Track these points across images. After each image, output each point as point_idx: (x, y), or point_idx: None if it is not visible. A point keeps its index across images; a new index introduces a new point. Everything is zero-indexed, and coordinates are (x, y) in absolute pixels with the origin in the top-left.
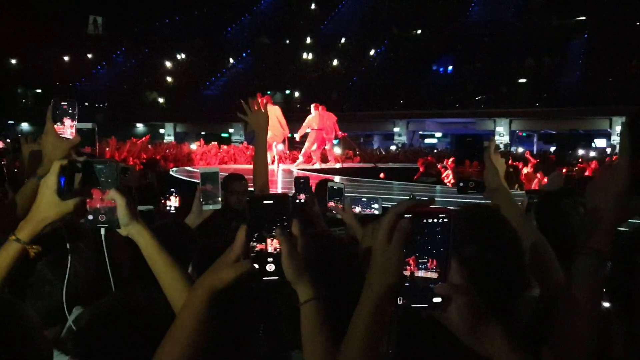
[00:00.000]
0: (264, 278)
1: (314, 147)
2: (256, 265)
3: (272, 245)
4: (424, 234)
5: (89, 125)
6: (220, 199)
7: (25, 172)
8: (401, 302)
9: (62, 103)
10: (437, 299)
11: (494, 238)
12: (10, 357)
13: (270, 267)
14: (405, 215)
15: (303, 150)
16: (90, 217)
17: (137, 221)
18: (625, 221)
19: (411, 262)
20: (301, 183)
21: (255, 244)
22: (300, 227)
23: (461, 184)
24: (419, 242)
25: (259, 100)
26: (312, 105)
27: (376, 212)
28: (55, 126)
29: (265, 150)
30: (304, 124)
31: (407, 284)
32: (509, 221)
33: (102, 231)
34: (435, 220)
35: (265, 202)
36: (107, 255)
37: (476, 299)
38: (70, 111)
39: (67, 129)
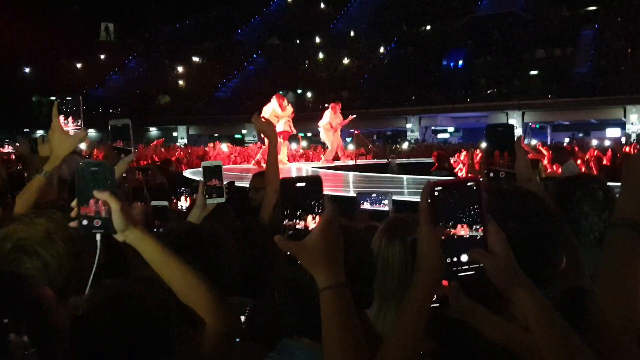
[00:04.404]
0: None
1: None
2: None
3: (312, 223)
4: (455, 201)
5: (125, 121)
6: (224, 192)
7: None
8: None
9: (67, 98)
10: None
11: (536, 216)
12: (26, 332)
13: None
14: (436, 187)
15: (331, 151)
16: (84, 222)
17: (135, 227)
18: None
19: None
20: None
21: (292, 221)
22: (335, 211)
23: (491, 175)
24: (452, 208)
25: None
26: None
27: (386, 207)
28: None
29: (275, 151)
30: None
31: (445, 244)
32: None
33: (98, 237)
34: (464, 188)
35: (297, 184)
36: (96, 261)
37: (508, 264)
38: (74, 108)
39: (72, 124)
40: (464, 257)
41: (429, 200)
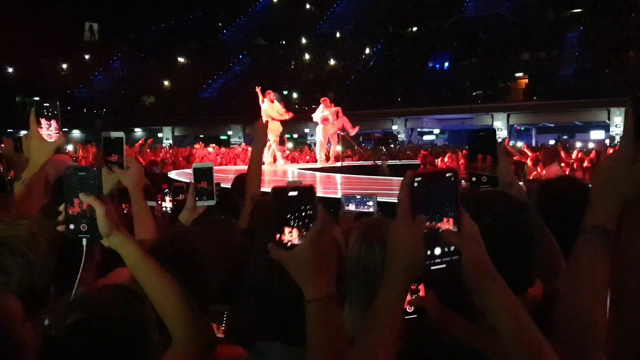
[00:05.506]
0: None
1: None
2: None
3: (293, 236)
4: (434, 192)
5: (118, 134)
6: (214, 195)
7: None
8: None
9: (45, 105)
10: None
11: (514, 218)
12: None
13: None
14: (416, 179)
15: (320, 150)
16: (71, 226)
17: (119, 231)
18: (630, 198)
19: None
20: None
21: (283, 230)
22: (328, 222)
23: (474, 179)
24: (430, 200)
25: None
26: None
27: (371, 209)
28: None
29: (260, 158)
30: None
31: (427, 237)
32: (530, 210)
33: (84, 242)
34: (443, 179)
35: (290, 193)
36: (82, 267)
37: (483, 254)
38: (52, 112)
39: (50, 129)
40: (437, 250)
41: (409, 192)
